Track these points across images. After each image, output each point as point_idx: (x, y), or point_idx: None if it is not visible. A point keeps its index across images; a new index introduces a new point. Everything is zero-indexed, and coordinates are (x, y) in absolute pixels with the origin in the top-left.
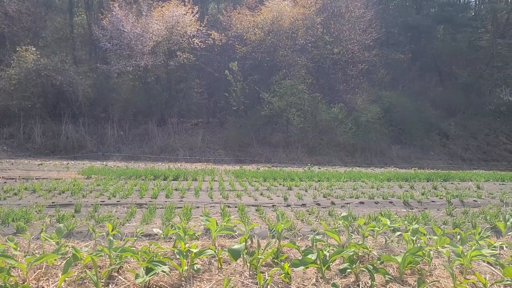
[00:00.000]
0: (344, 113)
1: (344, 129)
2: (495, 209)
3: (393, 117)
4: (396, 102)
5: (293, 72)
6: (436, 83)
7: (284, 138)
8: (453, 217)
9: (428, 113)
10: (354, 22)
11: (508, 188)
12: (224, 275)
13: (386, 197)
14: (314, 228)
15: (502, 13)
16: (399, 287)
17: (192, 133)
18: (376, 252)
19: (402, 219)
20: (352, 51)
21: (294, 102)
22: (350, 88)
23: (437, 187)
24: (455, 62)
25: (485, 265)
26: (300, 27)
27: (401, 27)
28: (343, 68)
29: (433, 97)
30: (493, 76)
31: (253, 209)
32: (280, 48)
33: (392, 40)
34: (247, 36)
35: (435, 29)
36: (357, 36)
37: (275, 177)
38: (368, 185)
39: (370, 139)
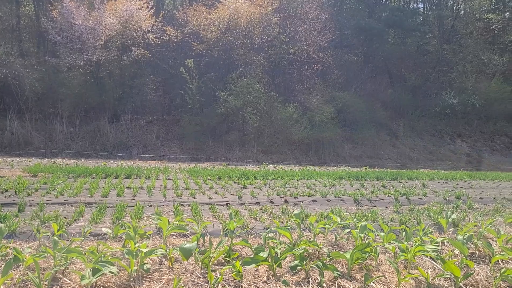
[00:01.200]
0: (299, 112)
1: (299, 128)
2: (438, 206)
3: (346, 117)
4: (349, 102)
5: (250, 71)
6: (387, 85)
7: (240, 137)
8: (399, 214)
9: (379, 114)
10: (310, 23)
11: (451, 186)
12: (175, 275)
13: (337, 195)
14: (267, 226)
15: (447, 19)
16: (347, 282)
17: (147, 130)
18: (326, 249)
19: (352, 216)
20: (308, 51)
21: (250, 101)
22: (305, 88)
23: (386, 186)
24: (405, 65)
25: (428, 260)
26: (257, 26)
27: (354, 30)
28: (298, 68)
29: (384, 99)
30: (439, 80)
31: (207, 208)
32: (237, 46)
33: (345, 42)
34: (203, 33)
35: (386, 33)
36: (312, 37)
37: (230, 175)
38: (321, 184)
39: (324, 138)
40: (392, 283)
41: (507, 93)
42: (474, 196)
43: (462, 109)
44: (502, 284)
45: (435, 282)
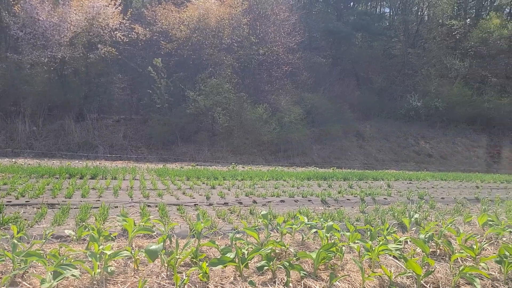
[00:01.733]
0: (268, 113)
1: (268, 129)
2: (402, 206)
3: (315, 118)
4: (317, 104)
5: (219, 71)
6: (354, 87)
7: (209, 137)
8: (365, 214)
9: (347, 116)
10: (279, 25)
11: (414, 187)
12: (140, 277)
13: (305, 195)
14: (235, 226)
15: (412, 24)
16: (313, 282)
17: (113, 130)
18: (293, 249)
19: (319, 216)
20: (277, 53)
21: (220, 101)
22: (274, 89)
23: (353, 186)
24: (371, 68)
25: (391, 259)
26: (227, 27)
27: (323, 32)
28: (268, 69)
29: (352, 100)
30: (404, 83)
31: (175, 209)
32: (206, 46)
33: (314, 45)
34: (172, 32)
35: (354, 36)
36: (281, 38)
37: (198, 176)
38: (289, 184)
39: (293, 139)
40: (357, 282)
41: (467, 96)
42: (436, 196)
43: (425, 111)
44: (461, 281)
45: (397, 280)
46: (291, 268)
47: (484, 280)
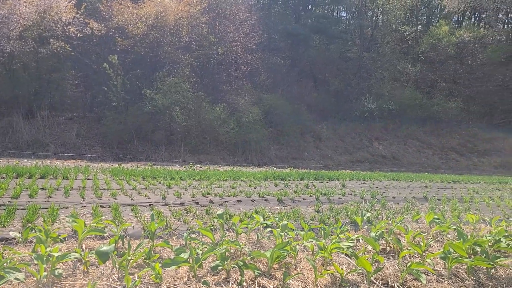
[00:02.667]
0: (227, 113)
1: (226, 128)
2: (355, 205)
3: (273, 119)
4: (275, 104)
5: (178, 69)
6: (312, 88)
7: (167, 136)
8: (320, 213)
9: (304, 116)
10: (238, 25)
11: (367, 186)
12: (90, 279)
13: (262, 195)
14: (191, 226)
15: (367, 29)
16: (267, 281)
17: (66, 128)
18: (248, 248)
19: (274, 216)
20: (236, 53)
21: (178, 100)
22: (233, 89)
23: (309, 186)
24: (328, 70)
25: (343, 257)
26: (185, 25)
27: (281, 34)
28: (227, 69)
29: (309, 102)
30: (359, 85)
31: (129, 209)
32: (164, 44)
33: (273, 46)
34: (129, 29)
35: (311, 39)
36: (240, 38)
37: (155, 175)
38: (246, 184)
39: (251, 139)
40: (310, 280)
41: (418, 100)
42: (388, 195)
43: (379, 113)
44: (408, 277)
45: (349, 277)
46: (245, 267)
47: (429, 276)
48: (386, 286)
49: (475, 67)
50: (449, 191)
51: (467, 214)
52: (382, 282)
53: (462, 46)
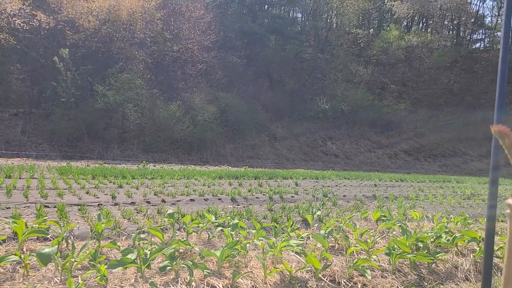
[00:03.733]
0: (182, 111)
1: (181, 127)
2: (307, 204)
3: (229, 117)
4: (231, 103)
5: (131, 66)
6: (268, 88)
7: (119, 134)
8: (272, 211)
9: (260, 116)
10: (194, 22)
11: (320, 185)
12: (29, 283)
13: (215, 194)
14: (141, 226)
15: (322, 31)
16: (216, 280)
17: (10, 124)
18: (198, 248)
19: (226, 215)
20: (192, 50)
21: (131, 97)
22: (188, 87)
23: (263, 185)
24: (284, 70)
25: (293, 255)
26: (139, 20)
27: (238, 32)
28: (182, 67)
29: (265, 101)
30: (314, 86)
31: (76, 209)
32: (117, 39)
33: (229, 44)
34: (80, 22)
35: (267, 38)
36: (196, 36)
37: (105, 174)
38: (200, 183)
39: (207, 138)
40: (259, 278)
41: (370, 101)
42: (339, 194)
43: (333, 114)
44: (355, 273)
45: (298, 274)
46: (195, 267)
47: (375, 271)
48: (333, 282)
49: (422, 71)
50: (396, 190)
51: (412, 211)
52: (329, 279)
53: (410, 50)
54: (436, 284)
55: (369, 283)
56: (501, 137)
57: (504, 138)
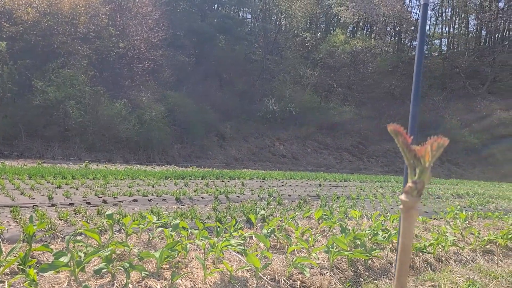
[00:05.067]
0: (128, 109)
1: (127, 126)
2: (252, 203)
3: (177, 117)
4: (180, 102)
5: (74, 61)
6: (217, 88)
7: (60, 132)
8: (217, 211)
9: (209, 116)
10: (142, 19)
11: (266, 185)
12: None
13: (160, 194)
14: (78, 228)
15: (271, 32)
16: (155, 282)
17: None
18: (137, 249)
19: (169, 215)
20: (139, 47)
21: (73, 94)
22: (135, 84)
23: (209, 185)
24: (233, 71)
25: (235, 254)
26: (82, 14)
27: (187, 31)
28: (128, 64)
29: (214, 101)
30: (263, 87)
31: (8, 211)
32: (59, 33)
33: (178, 43)
34: (17, 14)
35: (217, 38)
36: (144, 33)
37: (43, 174)
38: (145, 183)
39: (154, 137)
40: (199, 279)
41: (317, 103)
42: (284, 193)
43: (281, 115)
44: (294, 271)
45: (238, 274)
46: (132, 269)
47: (314, 269)
48: (273, 280)
49: (366, 75)
50: (340, 189)
51: (352, 210)
52: (270, 277)
53: (355, 54)
54: (371, 280)
55: (308, 280)
56: (396, 135)
57: (398, 137)
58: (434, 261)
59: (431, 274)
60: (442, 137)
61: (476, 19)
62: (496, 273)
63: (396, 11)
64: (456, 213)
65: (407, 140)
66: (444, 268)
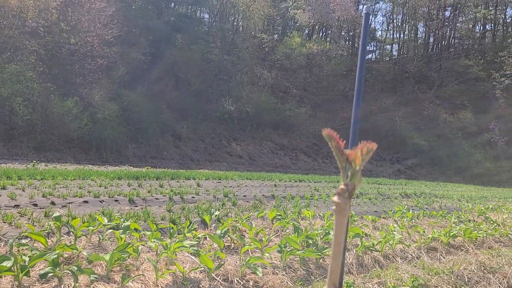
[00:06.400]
0: (79, 107)
1: (79, 124)
2: (207, 204)
3: (131, 116)
4: (135, 101)
5: (21, 56)
6: (173, 87)
7: (6, 131)
8: (171, 212)
9: (164, 115)
10: (95, 14)
11: (222, 185)
12: None
13: (112, 195)
14: (24, 231)
15: (228, 33)
16: (104, 285)
17: None
18: (86, 252)
19: (121, 217)
20: (92, 44)
21: (20, 90)
22: (87, 82)
23: (164, 185)
24: (190, 70)
25: (188, 255)
26: (31, 8)
27: (142, 29)
28: (81, 61)
29: (170, 100)
30: (220, 87)
31: None
32: (5, 26)
33: (133, 40)
34: None
35: (174, 37)
36: (97, 29)
37: None
38: (97, 184)
39: (107, 136)
40: (150, 281)
41: (273, 104)
42: (240, 194)
43: (238, 115)
44: (247, 271)
45: (191, 275)
46: (80, 272)
47: (267, 269)
48: (226, 281)
49: (321, 77)
50: (294, 190)
51: (305, 210)
52: (223, 278)
53: (311, 57)
54: (322, 278)
55: (260, 280)
56: (330, 140)
57: (331, 141)
58: (382, 258)
59: (378, 271)
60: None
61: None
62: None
63: (350, 16)
64: (403, 212)
65: (340, 144)
66: (391, 265)
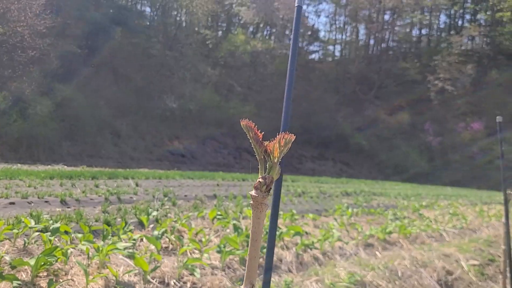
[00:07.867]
0: (8, 102)
1: (7, 121)
2: (146, 204)
3: (66, 112)
4: (70, 96)
5: None
6: (112, 82)
7: None
8: (107, 213)
9: (102, 111)
10: (26, 3)
11: (162, 185)
12: None
13: (42, 196)
14: None
15: (171, 28)
16: None
17: None
18: (9, 257)
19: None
20: (22, 34)
21: None
22: (17, 75)
23: (100, 185)
24: (130, 65)
25: (122, 258)
26: None
27: (78, 20)
28: (9, 52)
29: (108, 96)
30: (162, 83)
31: None
32: None
33: (68, 32)
34: None
35: (113, 30)
36: (28, 19)
37: None
38: (25, 184)
39: (39, 134)
40: (81, 286)
41: (216, 101)
42: (181, 194)
43: (180, 113)
44: (185, 272)
45: (125, 278)
46: (2, 279)
47: (206, 270)
48: (163, 283)
49: (266, 76)
50: (237, 189)
51: (247, 209)
52: (159, 280)
53: (255, 55)
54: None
55: (198, 281)
56: (248, 131)
57: (249, 132)
58: (321, 256)
59: (317, 269)
60: (290, 134)
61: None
62: (374, 265)
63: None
64: (343, 210)
65: (258, 135)
66: (330, 263)
